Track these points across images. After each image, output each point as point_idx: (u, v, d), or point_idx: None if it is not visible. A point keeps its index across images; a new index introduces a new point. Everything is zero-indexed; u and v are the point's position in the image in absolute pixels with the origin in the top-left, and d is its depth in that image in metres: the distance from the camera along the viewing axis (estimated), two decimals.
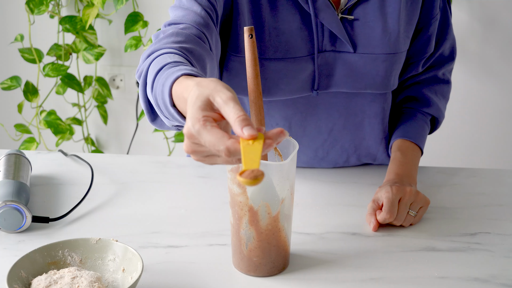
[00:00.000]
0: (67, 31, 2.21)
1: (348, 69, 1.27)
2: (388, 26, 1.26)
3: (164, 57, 0.99)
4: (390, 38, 1.26)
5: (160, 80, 0.93)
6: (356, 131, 1.36)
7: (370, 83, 1.29)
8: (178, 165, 1.42)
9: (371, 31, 1.26)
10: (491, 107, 2.27)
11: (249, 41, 0.98)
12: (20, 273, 0.96)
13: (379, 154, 1.40)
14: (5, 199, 1.13)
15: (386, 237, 1.15)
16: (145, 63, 1.02)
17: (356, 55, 1.26)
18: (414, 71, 1.38)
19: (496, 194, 1.31)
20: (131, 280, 0.96)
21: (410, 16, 1.29)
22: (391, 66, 1.29)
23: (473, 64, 2.20)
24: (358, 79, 1.28)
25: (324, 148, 1.37)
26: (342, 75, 1.28)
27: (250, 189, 0.98)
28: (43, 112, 2.33)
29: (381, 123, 1.37)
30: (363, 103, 1.33)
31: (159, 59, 0.99)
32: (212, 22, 1.17)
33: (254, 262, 1.03)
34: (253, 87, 1.00)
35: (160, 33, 1.11)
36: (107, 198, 1.27)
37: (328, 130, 1.35)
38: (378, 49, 1.27)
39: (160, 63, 0.97)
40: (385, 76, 1.29)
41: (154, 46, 1.05)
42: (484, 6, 2.15)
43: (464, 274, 1.05)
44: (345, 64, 1.27)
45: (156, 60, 1.00)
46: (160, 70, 0.95)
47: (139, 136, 2.44)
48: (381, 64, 1.28)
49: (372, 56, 1.27)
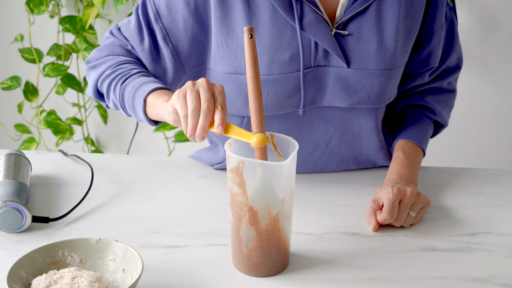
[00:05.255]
0: (67, 31, 2.21)
1: (342, 85, 1.25)
2: (384, 41, 1.23)
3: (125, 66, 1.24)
4: (385, 53, 1.24)
5: (129, 89, 1.19)
6: (354, 143, 1.35)
7: (365, 98, 1.27)
8: (178, 165, 1.42)
9: (366, 46, 1.23)
10: (491, 107, 2.27)
11: (249, 41, 0.98)
12: (20, 273, 0.96)
13: (378, 160, 1.39)
14: (5, 199, 1.13)
15: (386, 237, 1.15)
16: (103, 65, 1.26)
17: (350, 71, 1.24)
18: (419, 80, 1.36)
19: (496, 194, 1.31)
20: (131, 280, 0.96)
21: (409, 30, 1.27)
22: (386, 81, 1.26)
23: (473, 64, 2.20)
24: (352, 94, 1.26)
25: (322, 161, 1.36)
26: (335, 91, 1.25)
27: (250, 189, 0.98)
28: (43, 112, 2.33)
29: (378, 135, 1.35)
30: (358, 117, 1.31)
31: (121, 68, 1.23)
32: None
33: (254, 262, 1.03)
34: (253, 87, 0.99)
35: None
36: (107, 198, 1.27)
37: (325, 144, 1.33)
38: (372, 64, 1.24)
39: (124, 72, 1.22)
40: (380, 92, 1.27)
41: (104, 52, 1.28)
42: (484, 6, 2.15)
43: (464, 274, 1.05)
44: (339, 80, 1.24)
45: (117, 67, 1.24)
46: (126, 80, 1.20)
47: (139, 136, 2.44)
48: (376, 80, 1.25)
49: (367, 72, 1.24)
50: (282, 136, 1.04)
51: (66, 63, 2.33)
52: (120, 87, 1.20)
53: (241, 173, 0.97)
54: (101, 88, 1.26)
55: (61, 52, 2.28)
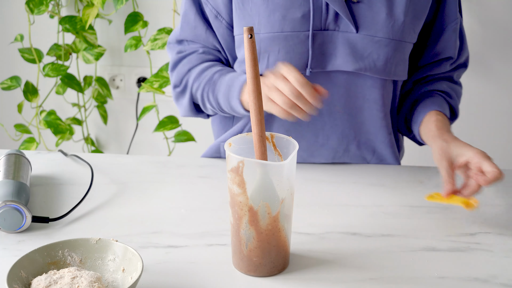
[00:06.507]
0: (67, 31, 2.21)
1: (350, 49, 1.29)
2: (394, 12, 1.28)
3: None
4: (394, 24, 1.29)
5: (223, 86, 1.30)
6: (356, 114, 1.37)
7: (371, 66, 1.31)
8: (178, 165, 1.42)
9: (376, 15, 1.28)
10: (491, 107, 2.27)
11: (249, 41, 0.98)
12: (20, 273, 0.96)
13: (377, 143, 1.40)
14: (5, 199, 1.13)
15: (386, 237, 1.15)
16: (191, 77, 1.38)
17: (358, 36, 1.28)
18: (436, 70, 1.41)
19: (496, 194, 1.31)
20: (131, 280, 0.96)
21: (418, 10, 1.32)
22: (392, 52, 1.31)
23: (473, 64, 2.20)
24: (359, 60, 1.30)
25: (324, 132, 1.37)
26: (343, 54, 1.30)
27: (250, 189, 0.98)
28: (43, 112, 2.33)
29: (380, 110, 1.37)
30: (362, 86, 1.34)
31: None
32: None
33: (254, 262, 1.03)
34: (253, 88, 1.00)
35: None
36: (107, 198, 1.27)
37: (329, 113, 1.36)
38: (381, 32, 1.29)
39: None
40: (385, 62, 1.31)
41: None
42: (484, 6, 2.15)
43: (464, 274, 1.05)
44: (347, 44, 1.29)
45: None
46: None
47: (139, 136, 2.44)
48: (383, 48, 1.30)
49: (374, 39, 1.29)
50: (282, 136, 1.04)
51: (66, 63, 2.33)
52: (213, 96, 1.34)
53: (241, 173, 0.97)
54: (198, 102, 1.41)
55: (61, 52, 2.28)
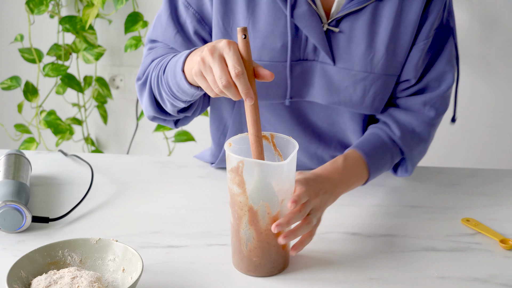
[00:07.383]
0: (67, 31, 2.21)
1: (326, 82, 1.23)
2: (374, 45, 1.21)
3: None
4: (373, 57, 1.21)
5: (171, 63, 1.13)
6: (343, 138, 1.33)
7: (345, 100, 1.24)
8: (178, 165, 1.42)
9: (356, 47, 1.21)
10: (491, 107, 2.27)
11: (243, 41, 0.98)
12: (20, 273, 0.96)
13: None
14: (5, 199, 1.13)
15: (386, 237, 1.15)
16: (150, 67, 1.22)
17: (335, 68, 1.22)
18: (396, 91, 1.29)
19: (496, 194, 1.31)
20: (131, 280, 0.96)
21: (401, 39, 1.22)
22: (369, 86, 1.23)
23: (473, 64, 2.20)
24: (333, 93, 1.24)
25: (318, 155, 1.35)
26: (319, 87, 1.24)
27: (249, 189, 0.98)
28: (43, 112, 2.33)
29: None
30: (343, 117, 1.29)
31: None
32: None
33: (254, 262, 1.03)
34: None
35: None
36: (107, 198, 1.27)
37: (317, 137, 1.32)
38: (358, 66, 1.22)
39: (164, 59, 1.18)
40: (362, 95, 1.24)
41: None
42: (484, 6, 2.15)
43: (464, 274, 1.05)
44: (324, 76, 1.23)
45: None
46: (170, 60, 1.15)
47: (139, 136, 2.44)
48: (359, 82, 1.22)
49: (351, 72, 1.22)
50: (282, 136, 1.04)
51: (66, 63, 2.33)
52: (164, 78, 1.15)
53: (241, 173, 0.97)
54: (156, 94, 1.21)
55: (61, 52, 2.28)
